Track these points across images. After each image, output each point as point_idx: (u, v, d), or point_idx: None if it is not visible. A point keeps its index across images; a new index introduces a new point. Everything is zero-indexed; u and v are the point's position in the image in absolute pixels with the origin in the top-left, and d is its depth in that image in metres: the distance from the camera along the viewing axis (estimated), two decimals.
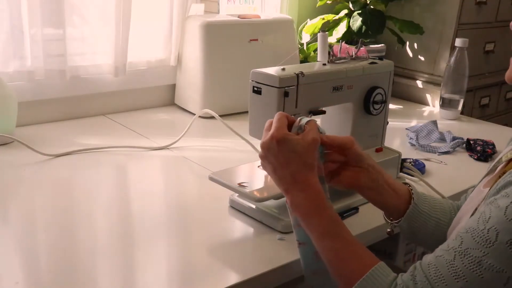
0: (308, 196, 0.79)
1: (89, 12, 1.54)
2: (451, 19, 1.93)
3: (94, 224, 1.02)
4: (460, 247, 0.67)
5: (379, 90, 1.13)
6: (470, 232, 0.68)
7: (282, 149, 0.79)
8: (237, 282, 0.84)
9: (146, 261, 0.89)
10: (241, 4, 2.01)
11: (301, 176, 0.79)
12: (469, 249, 0.66)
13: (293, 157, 0.79)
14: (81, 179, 1.22)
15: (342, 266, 0.76)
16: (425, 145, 1.51)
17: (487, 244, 0.65)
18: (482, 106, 2.19)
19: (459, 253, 0.67)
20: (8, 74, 1.41)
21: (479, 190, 0.84)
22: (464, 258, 0.66)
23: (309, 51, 1.91)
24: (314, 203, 0.79)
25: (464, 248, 0.67)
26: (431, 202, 0.94)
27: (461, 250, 0.67)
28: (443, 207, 0.95)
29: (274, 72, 0.97)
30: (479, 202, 0.77)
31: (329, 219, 0.78)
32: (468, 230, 0.68)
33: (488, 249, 0.65)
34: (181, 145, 1.41)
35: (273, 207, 1.03)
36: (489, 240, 0.65)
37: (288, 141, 0.80)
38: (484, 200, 0.74)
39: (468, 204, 0.84)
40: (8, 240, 0.94)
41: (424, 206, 0.92)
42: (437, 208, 0.94)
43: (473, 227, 0.67)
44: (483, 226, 0.66)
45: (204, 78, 1.65)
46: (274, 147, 0.80)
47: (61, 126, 1.54)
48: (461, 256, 0.67)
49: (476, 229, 0.67)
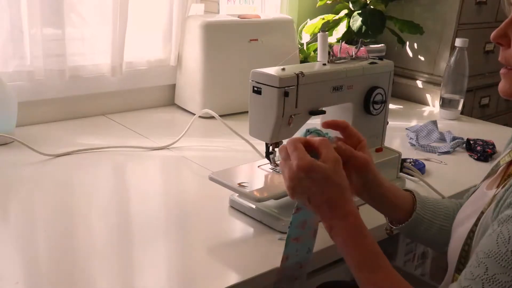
0: (348, 225, 0.76)
1: (88, 12, 1.54)
2: (451, 19, 1.93)
3: (94, 224, 1.02)
4: (486, 274, 0.65)
5: (379, 90, 1.13)
6: (493, 256, 0.65)
7: (313, 177, 0.76)
8: (237, 282, 0.84)
9: (146, 261, 0.89)
10: (241, 4, 2.01)
11: (339, 203, 0.76)
12: (496, 275, 0.64)
13: (326, 184, 0.76)
14: (81, 179, 1.22)
15: None
16: (425, 145, 1.51)
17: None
18: (482, 106, 2.19)
19: (487, 280, 0.65)
20: (8, 74, 1.41)
21: (482, 192, 0.83)
22: (493, 284, 0.64)
23: (309, 51, 1.91)
24: (355, 232, 0.76)
25: (491, 275, 0.65)
26: (434, 208, 0.93)
27: (487, 277, 0.65)
28: (447, 211, 0.94)
29: (274, 72, 0.97)
30: (484, 205, 0.76)
31: (369, 249, 0.76)
32: (490, 254, 0.66)
33: None
34: (181, 145, 1.41)
35: (273, 207, 1.03)
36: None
37: (317, 167, 0.76)
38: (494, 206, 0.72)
39: (470, 206, 0.83)
40: (8, 240, 0.94)
41: (427, 213, 0.92)
42: (440, 213, 0.93)
43: (495, 251, 0.65)
44: (505, 248, 0.64)
45: (204, 78, 1.65)
46: (303, 177, 0.76)
47: (61, 126, 1.54)
48: (490, 283, 0.64)
49: (499, 252, 0.65)
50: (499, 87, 0.80)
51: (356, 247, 0.76)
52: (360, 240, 0.76)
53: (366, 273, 0.75)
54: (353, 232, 0.76)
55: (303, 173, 0.76)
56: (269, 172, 1.07)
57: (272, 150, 1.05)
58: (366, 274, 0.75)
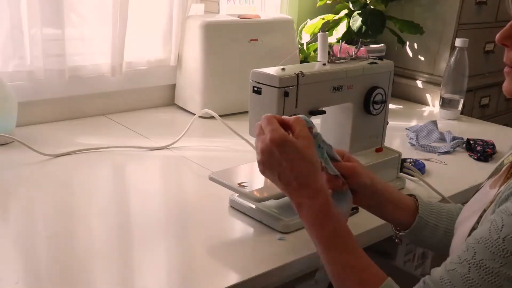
0: (317, 204, 0.76)
1: (88, 12, 1.54)
2: (451, 19, 1.93)
3: (94, 224, 1.02)
4: (473, 258, 0.65)
5: (379, 90, 1.13)
6: (483, 242, 0.65)
7: (285, 151, 0.76)
8: (237, 282, 0.84)
9: (146, 261, 0.89)
10: (241, 4, 2.01)
11: (309, 180, 0.76)
12: (484, 260, 0.64)
13: (297, 159, 0.76)
14: (81, 179, 1.22)
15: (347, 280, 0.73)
16: (425, 145, 1.51)
17: (503, 254, 0.63)
18: (482, 106, 2.19)
19: (474, 264, 0.64)
20: (8, 74, 1.41)
21: (485, 191, 0.83)
22: (480, 269, 0.64)
23: (309, 51, 1.91)
24: (324, 211, 0.76)
25: (478, 259, 0.64)
26: (438, 212, 0.93)
27: (475, 261, 0.64)
28: (451, 215, 0.94)
29: (274, 72, 0.97)
30: (487, 203, 0.76)
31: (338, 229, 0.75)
32: (481, 240, 0.65)
33: (505, 259, 0.62)
34: (181, 145, 1.41)
35: (273, 207, 1.03)
36: (505, 249, 0.62)
37: (289, 141, 0.76)
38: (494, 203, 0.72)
39: (474, 205, 0.83)
40: (8, 240, 0.94)
41: (430, 217, 0.92)
42: (443, 217, 0.93)
43: (485, 237, 0.65)
44: (496, 235, 0.64)
45: (204, 78, 1.65)
46: (275, 150, 0.76)
47: (61, 126, 1.54)
48: (476, 268, 0.64)
49: (489, 238, 0.64)
50: (503, 86, 0.80)
51: (325, 226, 0.75)
52: (329, 220, 0.76)
53: (335, 254, 0.74)
54: (323, 212, 0.76)
55: (275, 147, 0.76)
56: None
57: None
58: (334, 254, 0.75)
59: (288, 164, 0.76)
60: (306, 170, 0.76)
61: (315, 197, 0.76)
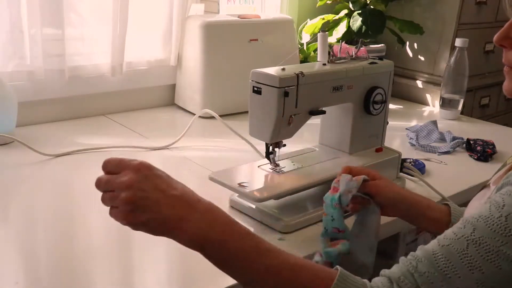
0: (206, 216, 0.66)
1: (88, 12, 1.54)
2: (451, 19, 1.93)
3: (94, 224, 1.02)
4: (472, 235, 0.63)
5: (379, 90, 1.13)
6: (483, 219, 0.63)
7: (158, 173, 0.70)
8: (237, 282, 0.84)
9: (146, 261, 0.89)
10: (241, 4, 2.01)
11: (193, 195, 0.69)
12: (483, 237, 0.62)
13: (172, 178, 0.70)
14: (81, 179, 1.21)
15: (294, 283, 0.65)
16: (425, 145, 1.50)
17: (505, 232, 0.61)
18: (482, 106, 2.19)
19: (473, 241, 0.62)
20: (8, 74, 1.41)
21: (489, 187, 0.83)
22: (479, 247, 0.62)
23: (309, 51, 1.91)
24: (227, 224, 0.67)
25: (477, 236, 0.62)
26: None
27: (474, 238, 0.62)
28: None
29: (274, 72, 0.97)
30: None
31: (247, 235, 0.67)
32: (479, 218, 0.64)
33: (507, 237, 0.61)
34: (181, 145, 1.41)
35: (273, 207, 1.03)
36: (507, 228, 0.61)
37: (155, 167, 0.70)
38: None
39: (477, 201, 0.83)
40: (8, 240, 0.94)
41: None
42: None
43: (486, 215, 0.63)
44: (498, 213, 0.62)
45: (204, 78, 1.65)
46: (145, 173, 0.69)
47: (61, 126, 1.54)
48: (475, 245, 0.62)
49: (490, 216, 0.63)
50: (504, 86, 0.80)
51: (232, 236, 0.66)
52: (231, 226, 0.67)
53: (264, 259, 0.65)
54: (226, 225, 0.67)
55: (147, 170, 0.68)
56: (269, 172, 1.07)
57: (272, 150, 1.05)
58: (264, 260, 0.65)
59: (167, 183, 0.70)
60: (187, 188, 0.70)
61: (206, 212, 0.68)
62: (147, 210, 0.65)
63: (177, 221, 0.66)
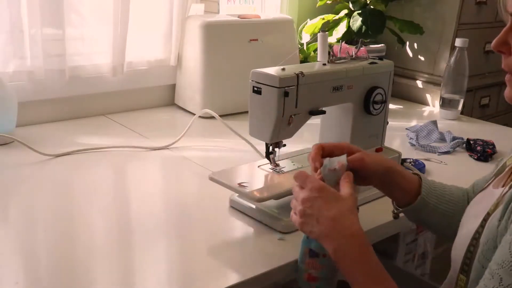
0: (357, 243, 0.76)
1: (88, 12, 1.54)
2: (451, 19, 1.93)
3: (94, 224, 1.02)
4: (501, 284, 0.64)
5: (379, 90, 1.13)
6: (507, 266, 0.64)
7: (324, 195, 0.79)
8: (237, 282, 0.84)
9: (146, 261, 0.89)
10: (241, 4, 2.01)
11: (344, 220, 0.77)
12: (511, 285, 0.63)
13: (335, 203, 0.78)
14: (81, 179, 1.22)
15: None
16: (425, 145, 1.51)
17: None
18: (482, 106, 2.19)
19: None
20: (8, 74, 1.41)
21: (489, 191, 0.83)
22: None
23: (309, 51, 1.91)
24: (363, 248, 0.76)
25: (506, 285, 0.63)
26: (440, 194, 0.94)
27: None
28: (452, 197, 0.95)
29: (274, 72, 0.97)
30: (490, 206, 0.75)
31: (377, 265, 0.76)
32: (503, 264, 0.64)
33: None
34: (181, 145, 1.41)
35: (273, 207, 1.03)
36: None
37: (328, 188, 0.80)
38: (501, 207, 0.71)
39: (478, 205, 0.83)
40: (8, 240, 0.94)
41: (431, 198, 0.93)
42: (445, 199, 0.94)
43: (508, 260, 0.64)
44: None
45: (204, 78, 1.65)
46: (315, 196, 0.79)
47: (61, 126, 1.54)
48: None
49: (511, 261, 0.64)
50: (505, 93, 0.80)
51: (366, 263, 0.75)
52: (370, 256, 0.76)
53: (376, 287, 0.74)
54: (362, 249, 0.76)
55: (316, 192, 0.79)
56: (269, 172, 1.07)
57: (272, 150, 1.05)
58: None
59: (327, 206, 0.78)
60: (343, 210, 0.78)
61: (353, 236, 0.77)
62: (310, 224, 0.80)
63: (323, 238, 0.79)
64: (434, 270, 1.62)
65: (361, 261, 0.76)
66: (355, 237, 0.76)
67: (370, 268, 0.75)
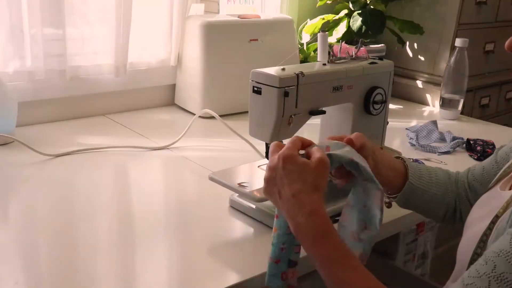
0: (314, 223, 0.73)
1: (89, 12, 1.54)
2: (451, 19, 1.93)
3: (94, 224, 1.02)
4: (494, 272, 0.63)
5: (379, 90, 1.13)
6: (504, 255, 0.63)
7: (288, 167, 0.75)
8: (237, 282, 0.84)
9: (146, 261, 0.89)
10: (241, 4, 2.01)
11: (305, 198, 0.74)
12: (505, 273, 0.62)
13: (297, 177, 0.75)
14: (81, 179, 1.22)
15: None
16: (425, 145, 1.51)
17: None
18: (482, 106, 2.19)
19: (494, 278, 0.62)
20: (8, 74, 1.41)
21: (496, 191, 0.82)
22: (501, 283, 0.62)
23: (309, 51, 1.91)
24: (321, 228, 0.73)
25: (499, 273, 0.62)
26: (427, 178, 0.95)
27: (495, 275, 0.62)
28: (438, 180, 0.96)
29: (274, 72, 0.97)
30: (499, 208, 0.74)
31: (338, 248, 0.73)
32: (501, 253, 0.64)
33: None
34: (181, 145, 1.41)
35: (273, 207, 1.02)
36: None
37: (295, 159, 0.75)
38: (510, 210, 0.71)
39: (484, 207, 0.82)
40: (8, 240, 0.94)
41: (419, 182, 0.93)
42: (432, 182, 0.95)
43: (506, 250, 0.63)
44: None
45: (204, 78, 1.65)
46: (280, 166, 0.75)
47: (61, 126, 1.54)
48: (497, 281, 0.62)
49: (510, 251, 0.63)
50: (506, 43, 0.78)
51: (325, 244, 0.73)
52: (328, 238, 0.74)
53: (339, 272, 0.72)
54: (321, 230, 0.74)
55: (281, 162, 0.75)
56: None
57: None
58: (338, 273, 0.72)
59: (288, 181, 0.75)
60: (304, 189, 0.75)
61: (311, 216, 0.74)
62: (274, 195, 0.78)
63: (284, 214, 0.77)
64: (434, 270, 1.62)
65: (319, 242, 0.73)
66: (313, 216, 0.73)
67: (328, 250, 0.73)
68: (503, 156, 0.93)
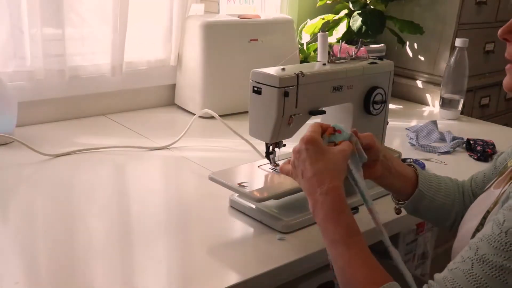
0: (329, 200, 0.77)
1: (88, 12, 1.54)
2: (451, 19, 1.93)
3: (94, 224, 1.02)
4: (476, 254, 0.64)
5: (379, 90, 1.13)
6: (486, 239, 0.64)
7: (310, 148, 0.80)
8: (237, 282, 0.84)
9: (146, 261, 0.89)
10: (241, 4, 2.01)
11: (325, 178, 0.78)
12: (486, 255, 0.63)
13: (321, 158, 0.79)
14: (81, 179, 1.22)
15: (351, 275, 0.73)
16: (425, 145, 1.51)
17: (506, 247, 0.62)
18: (482, 106, 2.19)
19: (477, 260, 0.64)
20: (8, 74, 1.41)
21: (490, 191, 0.83)
22: (484, 264, 0.63)
23: (309, 51, 1.91)
24: (334, 207, 0.77)
25: (481, 254, 0.64)
26: (436, 186, 0.95)
27: (478, 257, 0.64)
28: (447, 189, 0.96)
29: (274, 72, 0.97)
30: (491, 204, 0.76)
31: (346, 225, 0.76)
32: (483, 238, 0.65)
33: (509, 252, 0.62)
34: (181, 145, 1.41)
35: (273, 207, 1.03)
36: (508, 243, 0.62)
37: (317, 142, 0.81)
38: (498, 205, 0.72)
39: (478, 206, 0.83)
40: (8, 240, 0.94)
41: (429, 191, 0.94)
42: (441, 191, 0.95)
43: (488, 234, 0.65)
44: (498, 230, 0.64)
45: (204, 78, 1.65)
46: (303, 148, 0.80)
47: (61, 126, 1.54)
48: (480, 263, 0.63)
49: (491, 234, 0.64)
50: (503, 82, 0.81)
51: (334, 223, 0.76)
52: (339, 216, 0.76)
53: (340, 249, 0.74)
54: (333, 208, 0.77)
55: (304, 144, 0.80)
56: (269, 172, 1.07)
57: (272, 150, 1.05)
58: (340, 250, 0.74)
59: (310, 161, 0.80)
60: (324, 168, 0.79)
61: (328, 193, 0.77)
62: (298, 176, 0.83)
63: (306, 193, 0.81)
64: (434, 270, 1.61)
65: (332, 219, 0.76)
66: (329, 194, 0.77)
67: (338, 227, 0.75)
68: (501, 162, 0.94)
